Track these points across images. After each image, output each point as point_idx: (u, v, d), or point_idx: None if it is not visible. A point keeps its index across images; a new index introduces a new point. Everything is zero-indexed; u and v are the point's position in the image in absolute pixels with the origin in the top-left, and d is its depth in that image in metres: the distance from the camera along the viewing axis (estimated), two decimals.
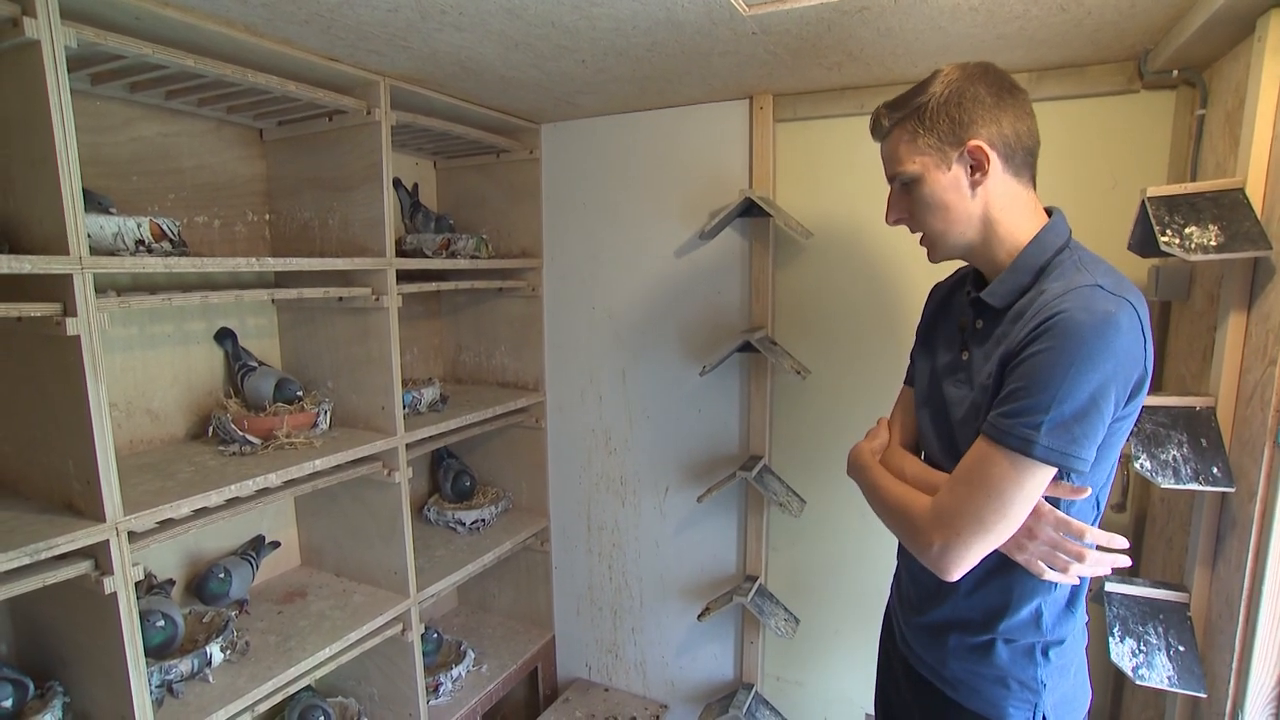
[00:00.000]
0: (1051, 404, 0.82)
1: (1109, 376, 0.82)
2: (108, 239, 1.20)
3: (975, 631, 1.01)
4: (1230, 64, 1.27)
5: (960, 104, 0.92)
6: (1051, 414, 0.82)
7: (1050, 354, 0.83)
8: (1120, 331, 0.82)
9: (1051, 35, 1.34)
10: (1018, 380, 0.86)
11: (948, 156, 0.94)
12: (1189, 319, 1.40)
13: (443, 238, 1.94)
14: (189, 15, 1.19)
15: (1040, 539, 0.91)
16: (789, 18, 1.26)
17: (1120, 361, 0.83)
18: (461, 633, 2.30)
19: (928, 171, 0.96)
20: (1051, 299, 0.87)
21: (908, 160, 0.97)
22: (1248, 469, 1.12)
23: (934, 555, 0.90)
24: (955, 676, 1.05)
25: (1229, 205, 1.13)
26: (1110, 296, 0.84)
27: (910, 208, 1.01)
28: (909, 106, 0.96)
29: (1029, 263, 0.95)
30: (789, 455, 1.95)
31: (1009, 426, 0.85)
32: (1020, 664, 0.99)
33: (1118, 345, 0.82)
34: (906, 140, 0.97)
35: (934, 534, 0.90)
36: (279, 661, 1.46)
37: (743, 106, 1.84)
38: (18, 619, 1.35)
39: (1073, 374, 0.82)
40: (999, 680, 1.00)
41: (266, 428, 1.55)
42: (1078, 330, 0.82)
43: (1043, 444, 0.83)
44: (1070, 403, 0.82)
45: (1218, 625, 1.20)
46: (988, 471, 0.87)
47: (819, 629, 1.98)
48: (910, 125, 0.96)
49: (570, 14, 1.23)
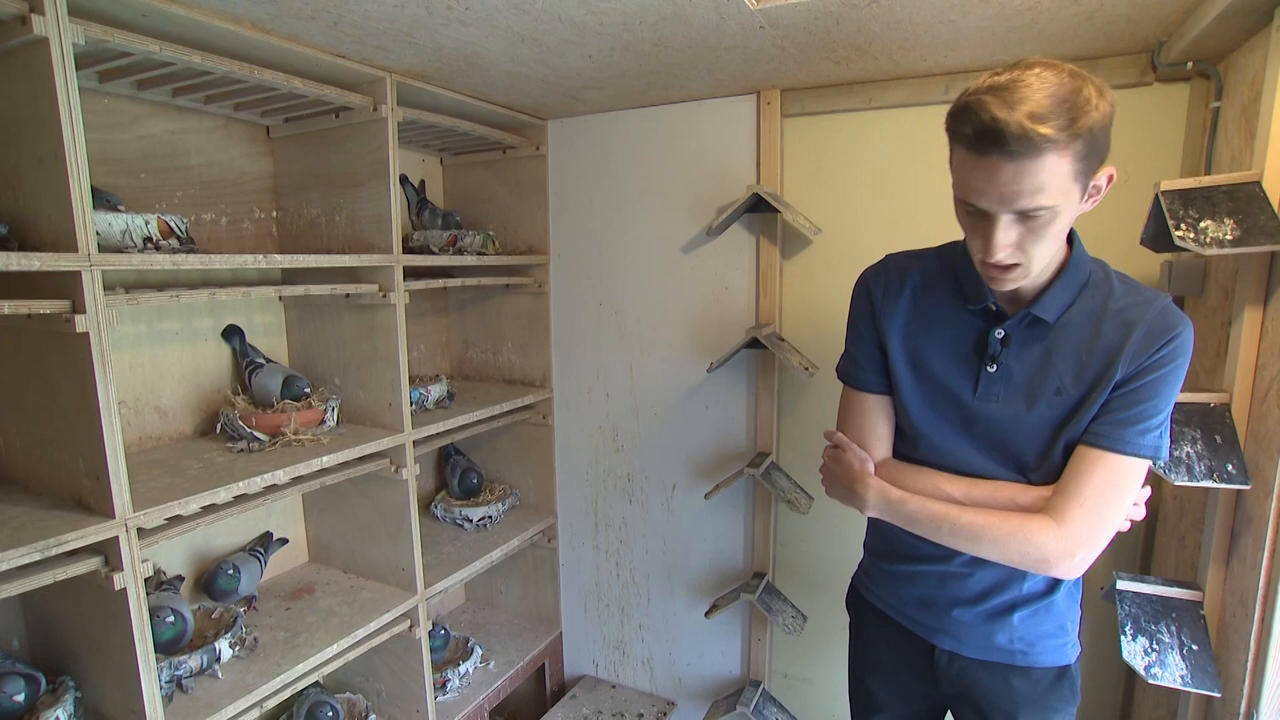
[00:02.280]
0: (1169, 413, 0.95)
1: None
2: (116, 236, 1.21)
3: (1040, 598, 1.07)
4: (1246, 55, 1.25)
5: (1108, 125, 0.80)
6: (1167, 422, 0.96)
7: (1175, 372, 0.93)
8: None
9: (1063, 28, 1.32)
10: (1147, 399, 0.94)
11: (1093, 184, 0.85)
12: (1203, 314, 1.38)
13: (449, 234, 1.93)
14: (196, 12, 1.19)
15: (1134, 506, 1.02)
16: (797, 12, 1.25)
17: None
18: (469, 629, 2.31)
19: (1071, 202, 0.83)
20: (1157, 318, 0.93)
21: (1060, 193, 0.80)
22: (1263, 466, 1.10)
23: (1076, 566, 0.96)
24: (1024, 642, 1.08)
25: (1245, 199, 1.12)
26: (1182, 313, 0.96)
27: (1023, 238, 0.85)
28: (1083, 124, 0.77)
29: (1074, 279, 0.98)
30: (797, 452, 1.94)
31: (1143, 439, 0.94)
32: (1070, 608, 1.10)
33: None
34: (1068, 167, 0.79)
35: (1076, 549, 0.95)
36: (287, 658, 1.46)
37: (750, 101, 1.83)
38: (29, 614, 1.36)
39: (1179, 385, 0.95)
40: (1059, 629, 1.08)
41: (274, 424, 1.56)
42: (1189, 348, 0.94)
43: (1165, 447, 0.96)
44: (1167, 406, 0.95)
45: (1232, 624, 1.18)
46: (1120, 481, 0.95)
47: (827, 626, 1.97)
48: (1072, 152, 0.79)
49: (577, 9, 1.23)
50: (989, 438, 1.03)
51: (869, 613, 1.25)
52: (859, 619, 1.30)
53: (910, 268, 1.11)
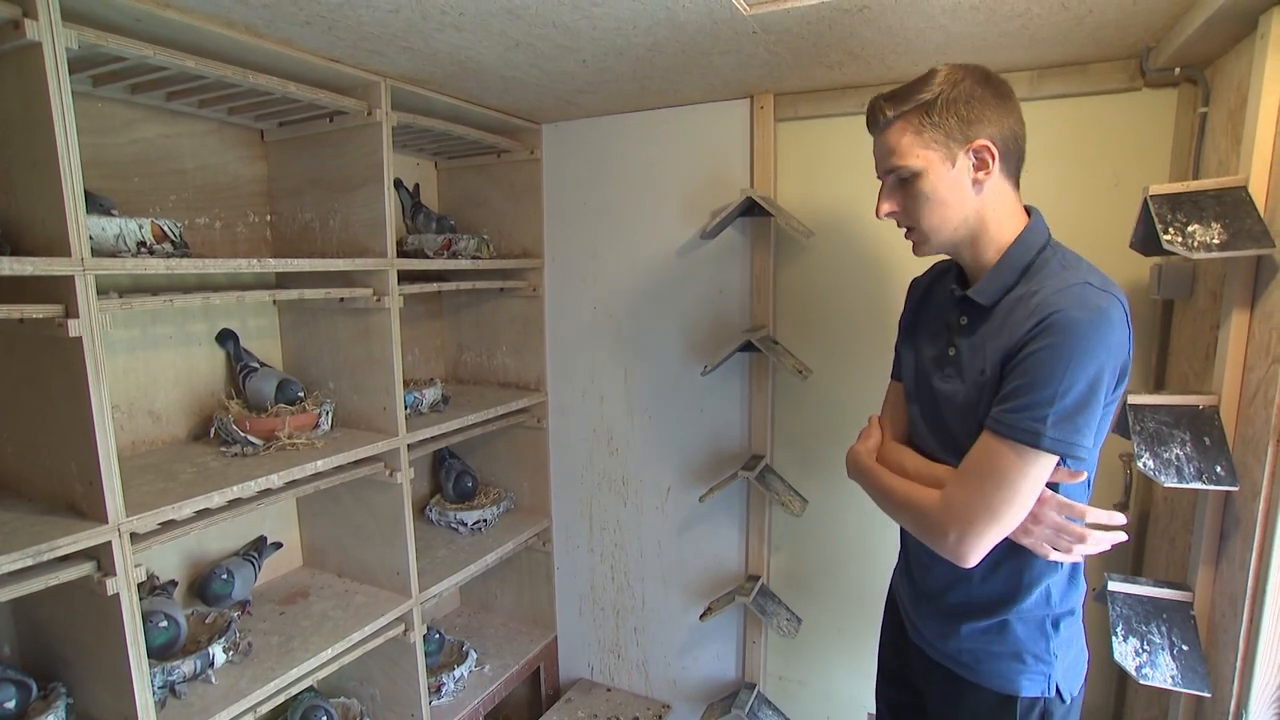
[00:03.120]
0: (1055, 397, 0.87)
1: (1102, 367, 0.88)
2: (109, 240, 1.21)
3: (988, 614, 1.04)
4: (1232, 61, 1.26)
5: (969, 102, 0.94)
6: (1056, 407, 0.87)
7: (1051, 350, 0.88)
8: (1112, 326, 0.88)
9: (1053, 33, 1.34)
10: (1020, 377, 0.90)
11: (953, 153, 0.95)
12: (1191, 317, 1.39)
13: (444, 238, 1.93)
14: (189, 17, 1.19)
15: (1045, 523, 0.95)
16: (790, 17, 1.26)
17: (1111, 353, 0.88)
18: (464, 633, 2.30)
19: (931, 167, 0.96)
20: (1047, 297, 0.91)
21: (910, 154, 0.97)
22: (1251, 468, 1.11)
23: (950, 545, 0.94)
24: (971, 656, 1.07)
25: (1232, 203, 1.13)
26: (1100, 293, 0.89)
27: (905, 202, 1.01)
28: (914, 100, 0.96)
29: (1014, 262, 0.98)
30: (791, 454, 1.95)
31: (1015, 420, 0.90)
32: (1033, 638, 1.03)
33: (1110, 339, 0.88)
34: (911, 134, 0.96)
35: (949, 525, 0.94)
36: (281, 662, 1.46)
37: (744, 106, 1.84)
38: (21, 620, 1.35)
39: (1073, 368, 0.87)
40: (1014, 655, 1.03)
41: (268, 429, 1.55)
42: (1075, 327, 0.87)
43: (1050, 435, 0.88)
44: (1072, 395, 0.87)
45: (1221, 624, 1.19)
46: (996, 464, 0.91)
47: (822, 628, 1.97)
48: (916, 119, 0.96)
49: (571, 14, 1.23)
50: (939, 419, 1.07)
51: (890, 602, 1.31)
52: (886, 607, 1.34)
53: (939, 269, 1.19)
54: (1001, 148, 0.95)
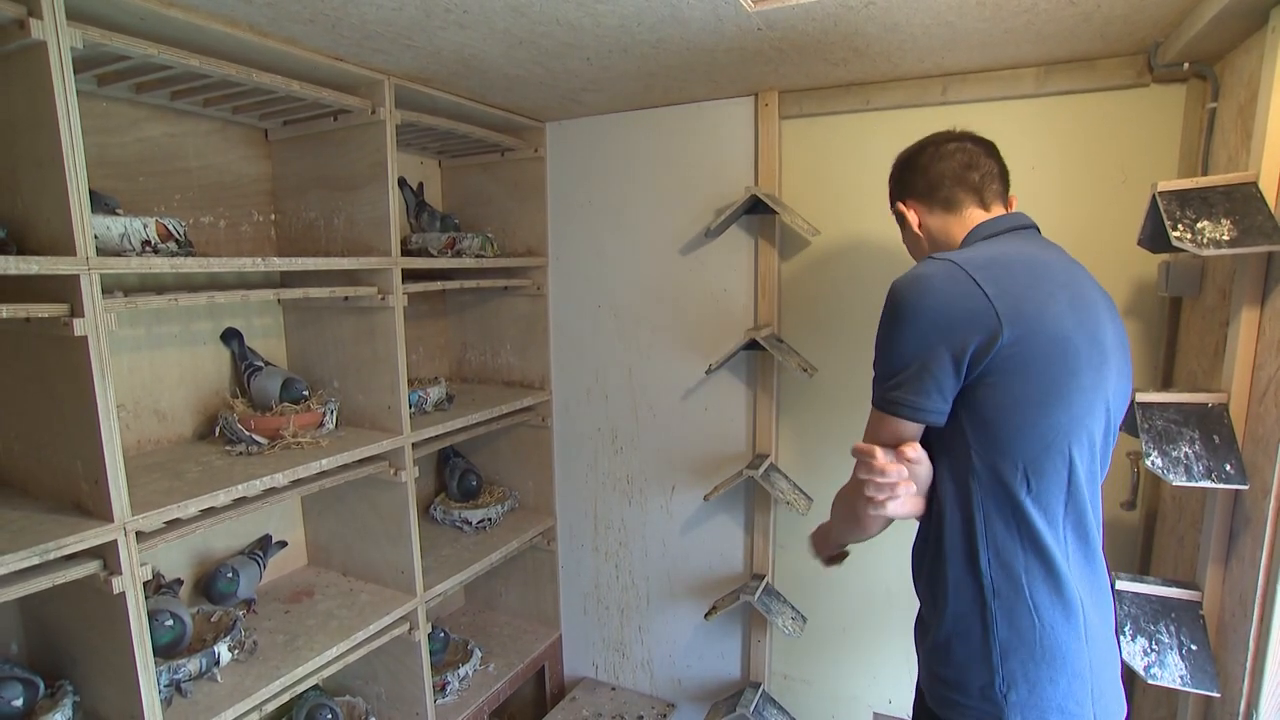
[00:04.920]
0: (880, 359, 0.97)
1: (929, 327, 0.90)
2: (114, 240, 1.21)
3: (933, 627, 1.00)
4: (1242, 56, 1.25)
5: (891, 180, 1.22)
6: (881, 368, 0.97)
7: (881, 321, 0.97)
8: (931, 287, 0.91)
9: (1060, 29, 1.33)
10: None
11: (899, 212, 1.19)
12: (1200, 315, 1.38)
13: (448, 237, 1.93)
14: (193, 15, 1.19)
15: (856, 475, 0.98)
16: (795, 14, 1.25)
17: (938, 313, 0.90)
18: (468, 632, 2.30)
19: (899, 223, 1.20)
20: None
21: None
22: (1261, 466, 1.10)
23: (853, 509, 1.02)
24: (927, 682, 1.04)
25: (1242, 199, 1.12)
26: (930, 261, 0.96)
27: None
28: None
29: None
30: (796, 453, 1.95)
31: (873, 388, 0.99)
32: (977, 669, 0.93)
33: (927, 299, 0.91)
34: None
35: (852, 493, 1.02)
36: (286, 661, 1.46)
37: (748, 103, 1.83)
38: (28, 619, 1.36)
39: (891, 332, 0.95)
40: (957, 685, 0.96)
41: (273, 427, 1.55)
42: (891, 295, 0.95)
43: (877, 395, 0.97)
44: (894, 356, 0.94)
45: (1231, 624, 1.19)
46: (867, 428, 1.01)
47: (827, 627, 1.97)
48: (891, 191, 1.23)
49: (575, 11, 1.23)
50: None
51: None
52: None
53: None
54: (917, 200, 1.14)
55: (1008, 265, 0.93)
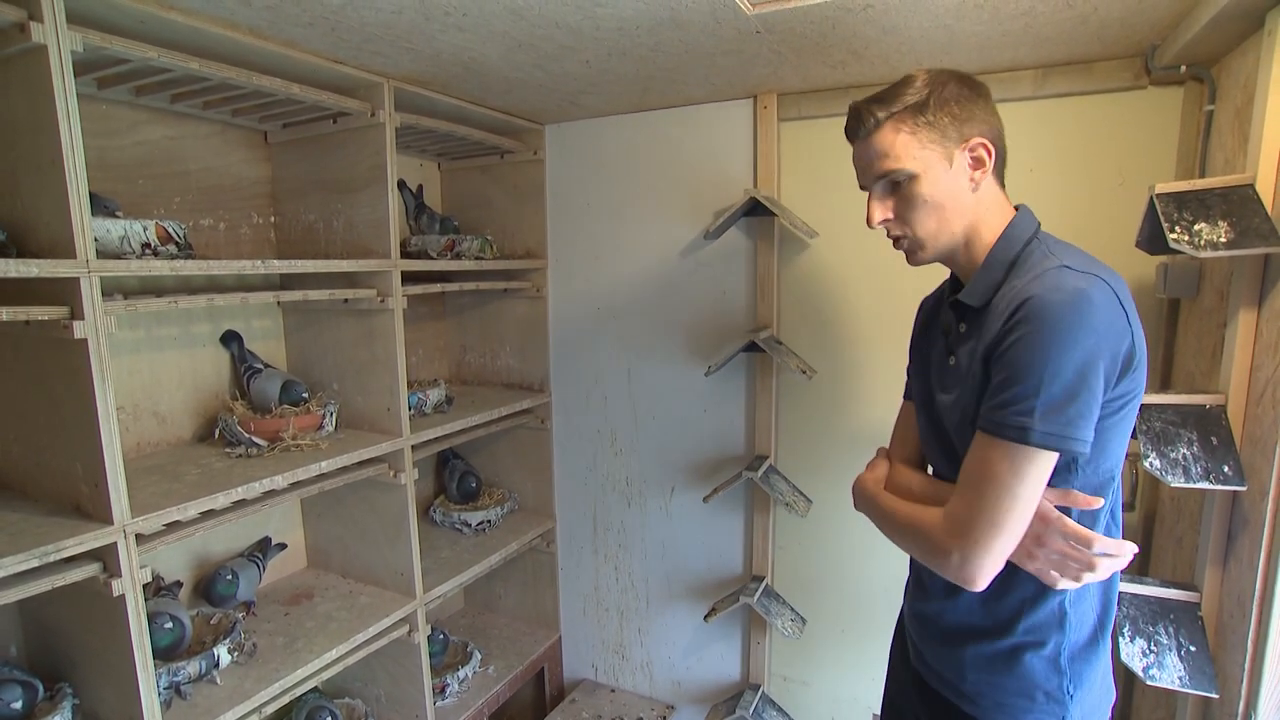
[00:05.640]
0: (1040, 387, 0.82)
1: (1092, 352, 0.81)
2: (114, 242, 1.21)
3: (995, 637, 0.97)
4: (1239, 59, 1.26)
5: (960, 101, 0.92)
6: (1042, 397, 0.82)
7: (1029, 338, 0.83)
8: (1095, 306, 0.82)
9: (1057, 31, 1.33)
10: (1002, 370, 0.86)
11: (949, 152, 0.92)
12: (1198, 316, 1.39)
13: (447, 239, 1.94)
14: (193, 19, 1.20)
15: (1049, 547, 0.88)
16: (793, 16, 1.26)
17: (1101, 336, 0.82)
18: (468, 634, 2.30)
19: (928, 169, 0.92)
20: (1024, 285, 0.87)
21: (905, 156, 0.92)
22: (1259, 467, 1.11)
23: (955, 566, 0.87)
24: (975, 689, 0.99)
25: (1239, 201, 1.12)
26: (1078, 274, 0.84)
27: (899, 209, 0.96)
28: (903, 102, 0.93)
29: (1000, 258, 0.95)
30: (795, 455, 1.95)
31: (1002, 418, 0.84)
32: (1046, 673, 0.94)
33: (1095, 320, 0.81)
34: (905, 135, 0.93)
35: (951, 544, 0.87)
36: (286, 663, 1.46)
37: (747, 106, 1.84)
38: (27, 621, 1.36)
39: (1054, 354, 0.81)
40: (1023, 692, 0.95)
41: (273, 430, 1.55)
42: (1051, 310, 0.82)
43: (1039, 429, 0.82)
44: (1058, 383, 0.81)
45: (1229, 625, 1.19)
46: (991, 468, 0.85)
47: (826, 629, 1.97)
48: (909, 120, 0.92)
49: (574, 14, 1.23)
50: (943, 435, 1.02)
51: (899, 621, 1.26)
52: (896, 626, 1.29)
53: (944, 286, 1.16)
54: (994, 147, 0.94)
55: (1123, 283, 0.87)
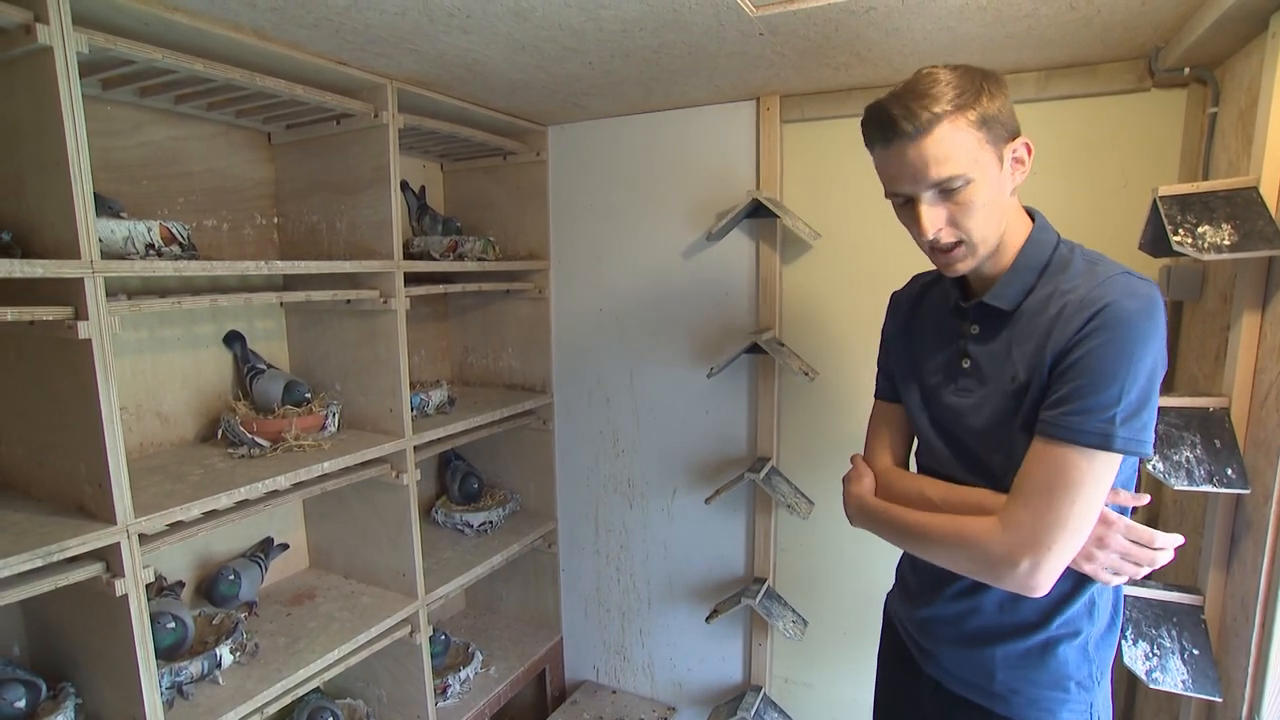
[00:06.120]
0: (1121, 394, 0.83)
1: (1158, 356, 0.85)
2: (118, 243, 1.21)
3: (1029, 633, 0.97)
4: (1243, 61, 1.26)
5: (1002, 97, 0.89)
6: (1123, 404, 0.83)
7: (1110, 345, 0.83)
8: (1161, 312, 0.85)
9: (1061, 34, 1.33)
10: (1079, 376, 0.85)
11: (1001, 153, 0.89)
12: (1201, 319, 1.38)
13: (450, 240, 1.94)
14: (198, 20, 1.20)
15: (1111, 548, 0.89)
16: (796, 18, 1.26)
17: (1163, 340, 0.86)
18: (469, 635, 2.30)
19: (986, 171, 0.88)
20: (1092, 291, 0.87)
21: (967, 160, 0.86)
22: (1263, 471, 1.11)
23: (1023, 576, 0.86)
24: (1007, 688, 0.99)
25: (1242, 204, 1.12)
26: (1142, 281, 0.87)
27: (955, 215, 0.90)
28: (954, 101, 0.85)
29: (1032, 262, 0.95)
30: (797, 457, 1.95)
31: (1080, 423, 0.84)
32: (1079, 662, 0.96)
33: (1161, 325, 0.85)
34: (964, 136, 0.86)
35: (1020, 554, 0.85)
36: (288, 663, 1.46)
37: (750, 107, 1.84)
38: (30, 621, 1.36)
39: (1134, 360, 0.83)
40: (1057, 684, 0.97)
41: (275, 430, 1.56)
42: (1131, 318, 0.83)
43: (1121, 435, 0.83)
44: (1136, 389, 0.83)
45: (1233, 628, 1.18)
46: (1065, 473, 0.84)
47: (828, 631, 1.97)
48: (965, 121, 0.86)
49: (577, 16, 1.23)
50: (959, 436, 1.01)
51: (887, 627, 1.25)
52: (883, 632, 1.27)
53: (923, 280, 1.16)
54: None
55: None
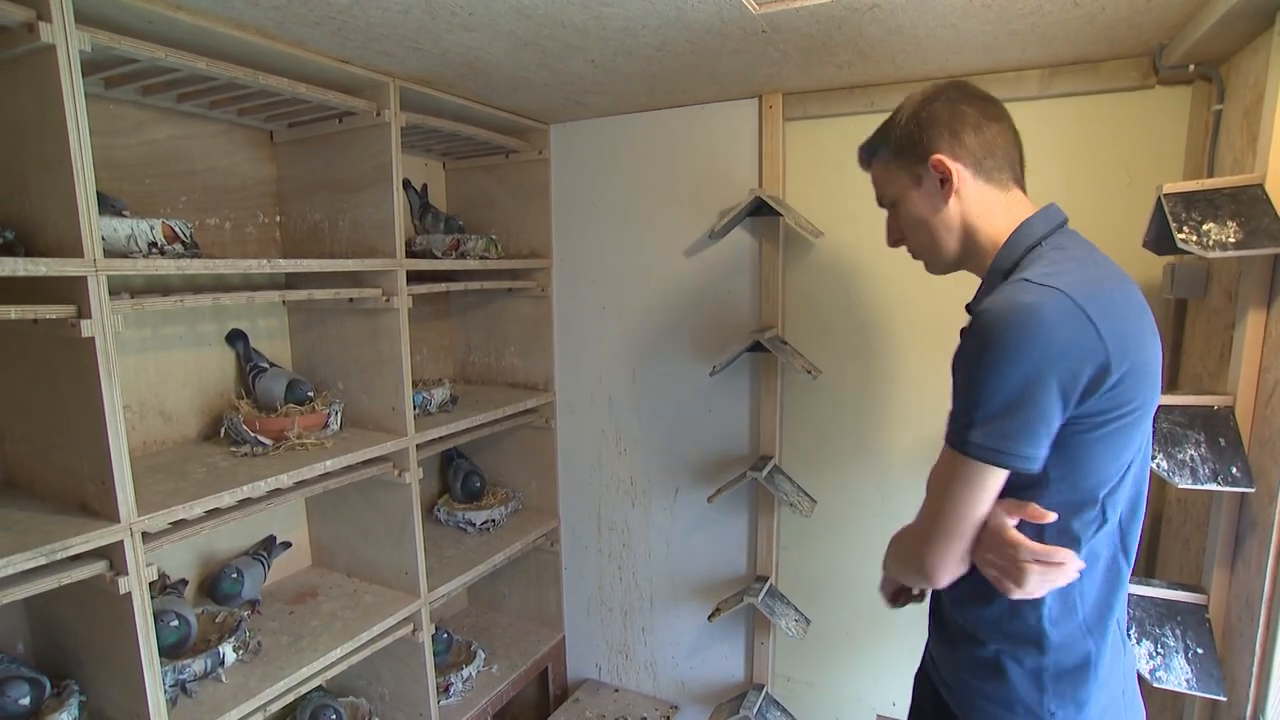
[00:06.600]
0: (980, 401, 0.82)
1: (1038, 368, 0.79)
2: (121, 241, 1.21)
3: (979, 642, 0.97)
4: (1248, 58, 1.25)
5: (919, 124, 0.98)
6: (980, 411, 0.82)
7: (973, 352, 0.84)
8: (1041, 323, 0.79)
9: (1065, 31, 1.32)
10: (954, 382, 0.88)
11: (916, 174, 0.99)
12: (1206, 317, 1.38)
13: (452, 238, 1.94)
14: (201, 18, 1.20)
15: (993, 554, 0.87)
16: (799, 16, 1.25)
17: (1052, 352, 0.79)
18: (472, 633, 2.30)
19: (905, 192, 1.01)
20: (987, 297, 0.87)
21: (887, 184, 1.04)
22: (1268, 469, 1.10)
23: (918, 564, 0.92)
24: (963, 692, 1.01)
25: (1248, 201, 1.12)
26: (1035, 287, 0.82)
27: (900, 228, 1.06)
28: (880, 137, 1.04)
29: (999, 265, 0.95)
30: (799, 455, 1.94)
31: (951, 428, 0.87)
32: (1026, 687, 0.93)
33: (1042, 337, 0.79)
34: (881, 166, 1.05)
35: (916, 544, 0.93)
36: (290, 661, 1.46)
37: (752, 105, 1.83)
38: (34, 619, 1.36)
39: (994, 369, 0.81)
40: (1003, 702, 0.95)
41: (278, 428, 1.56)
42: (993, 325, 0.81)
43: (974, 442, 0.82)
44: (996, 398, 0.81)
45: (1237, 627, 1.18)
46: (940, 474, 0.90)
47: (830, 629, 1.97)
48: (883, 153, 1.04)
49: (580, 14, 1.23)
50: None
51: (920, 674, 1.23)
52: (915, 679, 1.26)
53: None
54: (966, 158, 0.95)
55: (1109, 292, 0.84)
